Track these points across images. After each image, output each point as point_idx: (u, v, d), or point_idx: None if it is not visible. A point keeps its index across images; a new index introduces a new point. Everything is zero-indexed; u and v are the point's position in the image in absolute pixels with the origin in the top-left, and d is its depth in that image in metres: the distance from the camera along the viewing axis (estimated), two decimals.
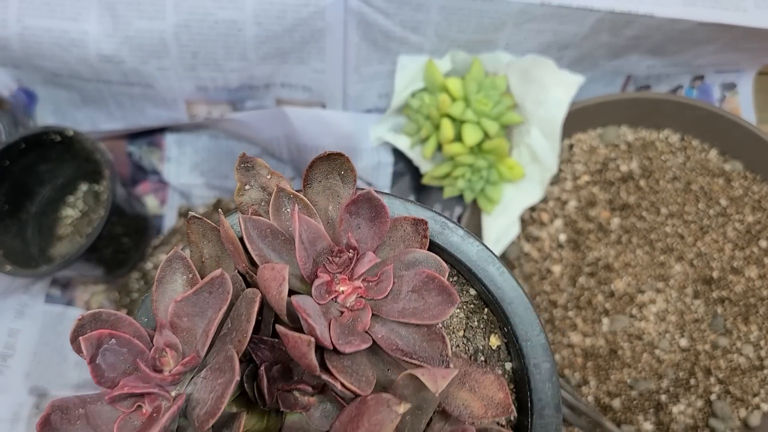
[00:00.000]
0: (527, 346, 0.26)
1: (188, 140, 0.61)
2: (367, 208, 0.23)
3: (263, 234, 0.23)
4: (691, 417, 0.49)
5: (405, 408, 0.18)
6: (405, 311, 0.22)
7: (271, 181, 0.24)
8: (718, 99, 0.62)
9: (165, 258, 0.23)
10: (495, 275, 0.26)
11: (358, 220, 0.23)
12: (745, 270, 0.52)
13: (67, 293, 0.59)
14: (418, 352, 0.22)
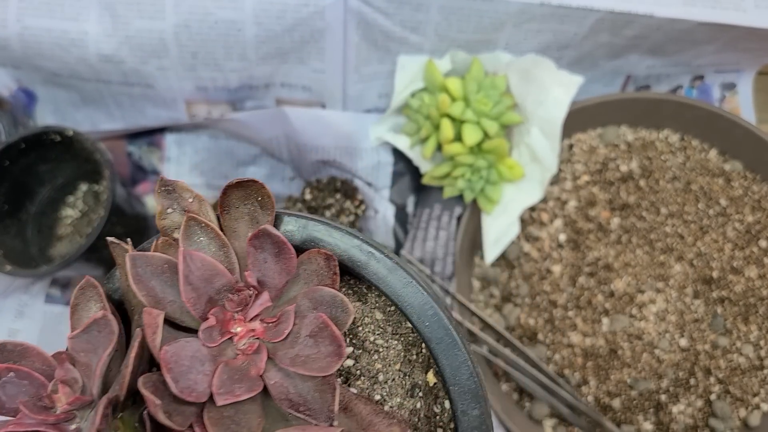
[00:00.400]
0: (454, 391, 0.24)
1: (188, 140, 0.61)
2: (269, 243, 0.22)
3: (159, 270, 0.21)
4: (691, 417, 0.49)
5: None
6: (297, 359, 0.21)
7: (193, 205, 0.22)
8: (718, 99, 0.62)
9: (78, 285, 0.22)
10: (422, 310, 0.24)
11: (264, 255, 0.22)
12: (744, 270, 0.52)
13: (67, 293, 0.59)
14: (307, 404, 0.20)
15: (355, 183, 0.58)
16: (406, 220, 0.58)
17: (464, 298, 0.53)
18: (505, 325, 0.53)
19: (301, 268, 0.23)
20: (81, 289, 0.22)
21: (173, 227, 0.22)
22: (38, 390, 0.20)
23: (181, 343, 0.20)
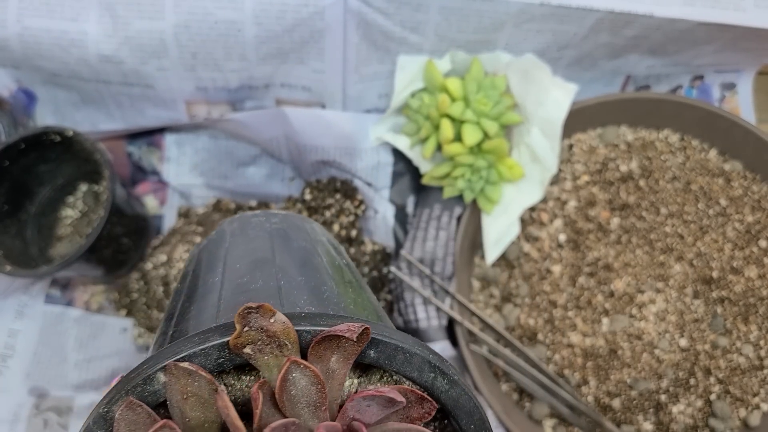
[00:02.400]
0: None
1: (188, 140, 0.61)
2: (374, 399, 0.20)
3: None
4: (690, 417, 0.49)
5: None
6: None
7: (275, 326, 0.20)
8: (718, 99, 0.62)
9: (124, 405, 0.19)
10: (472, 418, 0.22)
11: (366, 404, 0.20)
12: (744, 270, 0.52)
13: (67, 293, 0.59)
14: None
15: (355, 183, 0.58)
16: (405, 220, 0.58)
17: (464, 299, 0.53)
18: (505, 326, 0.53)
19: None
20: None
21: (246, 343, 0.20)
22: None
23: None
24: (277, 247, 0.29)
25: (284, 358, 0.20)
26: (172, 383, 0.19)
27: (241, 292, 0.24)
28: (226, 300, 0.24)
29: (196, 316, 0.24)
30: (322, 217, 0.57)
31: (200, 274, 0.28)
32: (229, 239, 0.30)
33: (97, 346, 0.58)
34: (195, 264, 0.30)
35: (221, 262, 0.28)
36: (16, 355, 0.56)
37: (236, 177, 0.62)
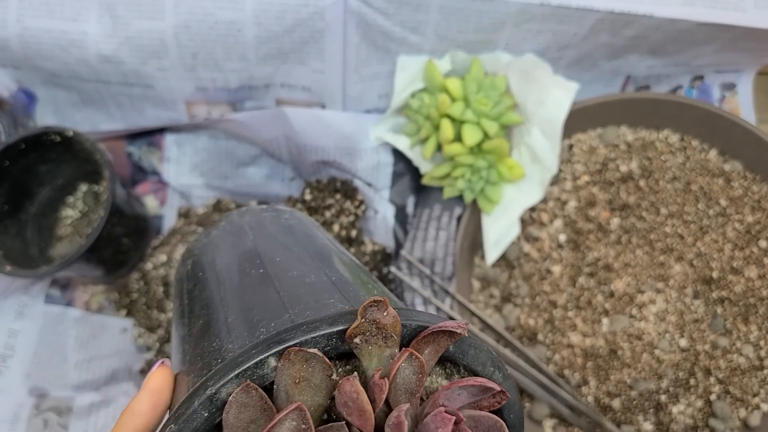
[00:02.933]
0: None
1: (188, 140, 0.62)
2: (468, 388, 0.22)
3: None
4: (690, 417, 0.49)
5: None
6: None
7: (386, 318, 0.22)
8: (718, 99, 0.62)
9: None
10: (514, 408, 0.24)
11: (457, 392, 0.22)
12: (744, 270, 0.52)
13: (67, 294, 0.59)
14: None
15: (355, 183, 0.58)
16: (405, 221, 0.58)
17: (464, 299, 0.53)
18: (505, 326, 0.53)
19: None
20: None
21: (358, 334, 0.21)
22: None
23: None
24: (303, 243, 0.30)
25: (387, 348, 0.21)
26: (285, 368, 0.20)
27: (297, 285, 0.25)
28: (288, 293, 0.24)
29: (260, 306, 0.24)
30: (322, 218, 0.57)
31: (236, 265, 0.28)
32: (251, 233, 0.30)
33: (97, 346, 0.58)
34: (212, 254, 0.30)
35: (255, 255, 0.28)
36: (16, 355, 0.56)
37: (236, 177, 0.62)
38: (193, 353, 0.24)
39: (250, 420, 0.20)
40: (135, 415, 0.24)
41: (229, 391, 0.19)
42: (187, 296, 0.28)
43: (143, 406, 0.24)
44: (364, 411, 0.20)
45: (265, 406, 0.20)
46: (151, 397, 0.24)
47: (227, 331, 0.23)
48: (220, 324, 0.24)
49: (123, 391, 0.56)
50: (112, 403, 0.55)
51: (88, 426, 0.55)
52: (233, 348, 0.21)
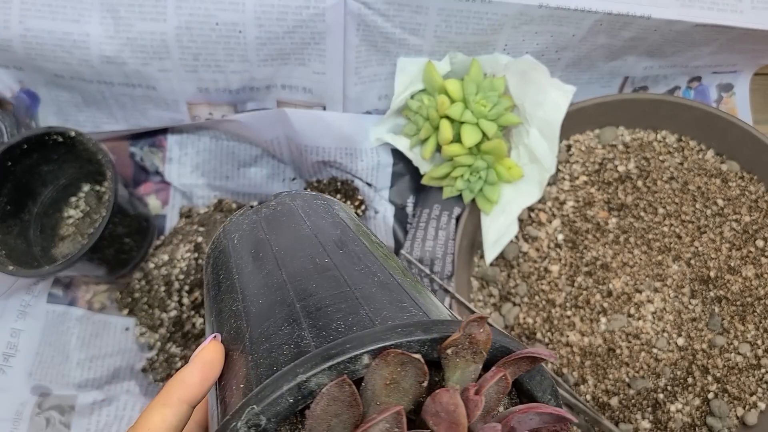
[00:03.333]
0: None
1: (190, 141, 0.62)
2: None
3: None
4: (688, 415, 0.50)
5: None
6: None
7: (482, 335, 0.22)
8: (715, 100, 0.62)
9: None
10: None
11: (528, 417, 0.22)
12: (742, 269, 0.52)
13: (70, 293, 0.59)
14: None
15: (355, 183, 0.58)
16: (405, 221, 0.58)
17: (463, 298, 0.54)
18: (504, 325, 0.54)
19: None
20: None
21: (452, 345, 0.22)
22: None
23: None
24: (359, 237, 0.29)
25: (473, 364, 0.22)
26: (379, 367, 0.20)
27: (367, 282, 0.25)
28: (359, 289, 0.24)
29: (331, 297, 0.24)
30: None
31: (297, 249, 0.28)
32: (306, 219, 0.30)
33: (99, 345, 0.58)
34: (264, 232, 0.29)
35: (317, 243, 0.28)
36: (19, 354, 0.57)
37: (238, 177, 0.62)
38: (256, 333, 0.23)
39: (335, 414, 0.19)
40: (184, 385, 0.24)
41: (319, 382, 0.19)
42: (236, 271, 0.28)
43: (194, 377, 0.24)
44: (459, 425, 0.20)
45: (353, 402, 0.20)
46: (202, 369, 0.24)
47: (298, 318, 0.23)
48: (289, 308, 0.24)
49: (125, 390, 0.56)
50: (114, 401, 0.56)
51: (91, 424, 0.55)
52: (308, 337, 0.22)
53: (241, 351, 0.24)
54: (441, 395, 0.20)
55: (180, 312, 0.56)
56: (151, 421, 0.23)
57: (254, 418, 0.19)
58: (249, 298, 0.26)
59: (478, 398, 0.20)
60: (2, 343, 0.57)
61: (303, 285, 0.25)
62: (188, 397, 0.24)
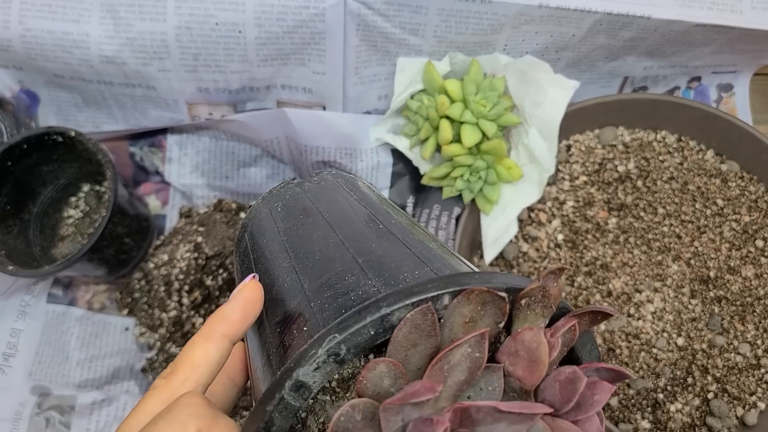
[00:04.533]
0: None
1: (189, 141, 0.62)
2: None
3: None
4: (688, 415, 0.50)
5: None
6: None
7: (554, 289, 0.23)
8: (715, 100, 0.62)
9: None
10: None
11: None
12: (741, 269, 0.52)
13: (69, 293, 0.59)
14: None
15: None
16: None
17: None
18: None
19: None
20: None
21: (527, 296, 0.23)
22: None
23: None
24: (399, 212, 0.31)
25: (541, 318, 0.22)
26: (460, 305, 0.21)
27: (422, 246, 0.26)
28: (419, 250, 0.25)
29: (394, 256, 0.25)
30: None
31: (349, 216, 0.29)
32: (352, 193, 0.31)
33: (99, 345, 0.58)
34: (311, 201, 0.31)
35: (369, 212, 0.29)
36: (19, 354, 0.57)
37: (238, 177, 0.62)
38: (316, 285, 0.24)
39: (414, 343, 0.20)
40: (226, 320, 0.24)
41: (401, 316, 0.20)
42: (284, 233, 0.29)
43: (235, 313, 0.24)
44: (539, 363, 0.20)
45: (433, 333, 0.20)
46: (243, 306, 0.25)
47: (361, 270, 0.24)
48: (350, 262, 0.25)
49: (125, 390, 0.57)
50: (114, 401, 0.56)
51: (90, 424, 0.55)
52: (376, 285, 0.22)
53: (299, 301, 0.24)
54: (524, 333, 0.21)
55: (180, 312, 0.56)
56: (194, 355, 0.23)
57: (335, 347, 0.20)
58: (303, 255, 0.27)
59: (555, 340, 0.21)
60: (2, 343, 0.57)
61: (361, 245, 0.26)
62: (230, 333, 0.24)
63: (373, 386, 0.20)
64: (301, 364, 0.20)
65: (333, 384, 0.21)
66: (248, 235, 0.32)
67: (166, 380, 0.23)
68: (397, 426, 0.19)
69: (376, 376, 0.20)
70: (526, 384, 0.21)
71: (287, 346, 0.23)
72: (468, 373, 0.20)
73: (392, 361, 0.20)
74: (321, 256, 0.26)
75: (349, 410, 0.19)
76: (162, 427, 0.21)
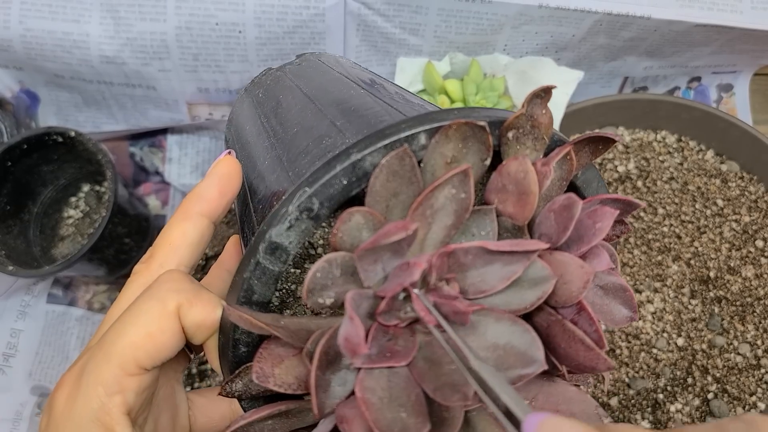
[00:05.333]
0: None
1: (189, 141, 0.62)
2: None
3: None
4: (688, 415, 0.50)
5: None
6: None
7: (543, 117, 0.21)
8: (715, 100, 0.62)
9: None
10: None
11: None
12: (741, 270, 0.52)
13: (69, 293, 0.59)
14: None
15: None
16: None
17: None
18: None
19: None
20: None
21: (513, 127, 0.20)
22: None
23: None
24: (378, 76, 0.31)
25: (534, 152, 0.20)
26: (440, 144, 0.18)
27: (401, 101, 0.25)
28: (400, 105, 0.24)
29: (373, 111, 0.24)
30: None
31: (331, 85, 0.28)
32: (336, 68, 0.31)
33: None
34: (294, 80, 0.30)
35: (350, 81, 0.28)
36: (19, 354, 0.57)
37: None
38: (294, 154, 0.23)
39: (394, 192, 0.18)
40: (201, 198, 0.23)
41: (374, 162, 0.18)
42: (263, 117, 0.28)
43: (211, 190, 0.23)
44: (528, 194, 0.18)
45: (413, 179, 0.18)
46: (219, 182, 0.23)
47: (338, 131, 0.22)
48: (327, 128, 0.23)
49: None
50: None
51: None
52: (354, 138, 0.20)
53: (278, 174, 0.23)
54: (509, 164, 0.19)
55: None
56: (171, 236, 0.23)
57: (306, 201, 0.18)
58: (281, 131, 0.25)
59: (547, 168, 0.19)
60: (2, 343, 0.57)
61: (339, 108, 0.24)
62: (207, 211, 0.23)
63: (350, 239, 0.18)
64: (273, 224, 0.18)
65: (319, 250, 0.20)
66: (232, 128, 0.31)
67: (145, 264, 0.23)
68: (378, 276, 0.18)
69: (353, 228, 0.18)
70: (518, 220, 0.19)
71: (264, 216, 0.22)
72: (455, 217, 0.18)
73: (368, 210, 0.18)
74: (299, 128, 0.25)
75: (325, 265, 0.17)
76: (141, 305, 0.21)
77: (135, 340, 0.20)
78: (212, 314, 0.21)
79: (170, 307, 0.20)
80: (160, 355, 0.20)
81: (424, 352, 0.18)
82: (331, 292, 0.18)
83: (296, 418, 0.20)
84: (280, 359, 0.18)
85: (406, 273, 0.17)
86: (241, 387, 0.20)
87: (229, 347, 0.20)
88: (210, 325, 0.21)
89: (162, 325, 0.20)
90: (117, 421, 0.20)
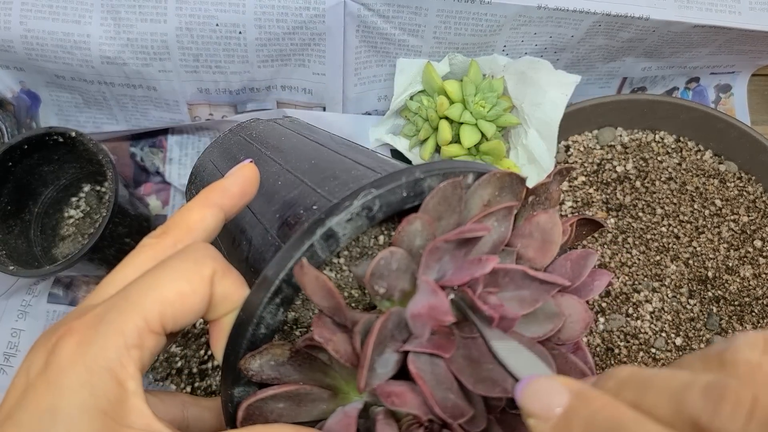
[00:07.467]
0: None
1: (190, 142, 0.62)
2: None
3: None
4: None
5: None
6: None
7: (555, 193, 0.25)
8: (713, 101, 0.63)
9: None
10: None
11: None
12: (739, 269, 0.52)
13: (70, 293, 0.60)
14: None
15: None
16: None
17: None
18: None
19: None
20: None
21: (534, 193, 0.24)
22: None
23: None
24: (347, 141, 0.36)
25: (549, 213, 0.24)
26: (481, 186, 0.22)
27: (373, 160, 0.29)
28: (375, 163, 0.28)
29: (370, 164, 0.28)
30: None
31: (323, 141, 0.32)
32: (311, 133, 0.36)
33: None
34: (287, 130, 0.35)
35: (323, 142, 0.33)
36: (20, 354, 0.57)
37: None
38: (318, 178, 0.26)
39: (440, 215, 0.21)
40: (225, 192, 0.24)
41: (432, 185, 0.21)
42: (274, 148, 0.32)
43: (234, 188, 0.24)
44: (552, 243, 0.21)
45: (458, 208, 0.21)
46: (243, 182, 0.24)
47: (359, 170, 0.26)
48: (348, 164, 0.27)
49: None
50: None
51: None
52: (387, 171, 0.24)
53: (302, 188, 0.26)
54: (539, 216, 0.22)
55: None
56: (191, 218, 0.22)
57: (370, 201, 0.20)
58: (294, 161, 0.29)
59: (567, 227, 0.23)
60: (3, 343, 0.57)
61: (337, 161, 0.29)
62: (226, 206, 0.23)
63: (408, 240, 0.20)
64: (335, 213, 0.20)
65: (341, 260, 0.22)
66: (207, 169, 0.35)
67: (157, 239, 0.22)
68: (434, 275, 0.20)
69: (412, 232, 0.20)
70: (536, 264, 0.22)
71: (292, 224, 0.24)
72: (492, 246, 0.21)
73: (428, 219, 0.20)
74: (316, 160, 0.28)
75: (388, 255, 0.19)
76: (176, 264, 0.20)
77: (167, 295, 0.19)
78: (240, 289, 0.21)
79: (206, 272, 0.20)
80: (185, 318, 0.20)
81: (462, 351, 0.20)
82: (385, 282, 0.20)
83: (306, 407, 0.20)
84: (333, 332, 0.20)
85: (477, 266, 0.19)
86: (257, 367, 0.20)
87: (251, 325, 0.20)
88: (236, 300, 0.21)
89: (195, 287, 0.20)
90: (131, 376, 0.19)
